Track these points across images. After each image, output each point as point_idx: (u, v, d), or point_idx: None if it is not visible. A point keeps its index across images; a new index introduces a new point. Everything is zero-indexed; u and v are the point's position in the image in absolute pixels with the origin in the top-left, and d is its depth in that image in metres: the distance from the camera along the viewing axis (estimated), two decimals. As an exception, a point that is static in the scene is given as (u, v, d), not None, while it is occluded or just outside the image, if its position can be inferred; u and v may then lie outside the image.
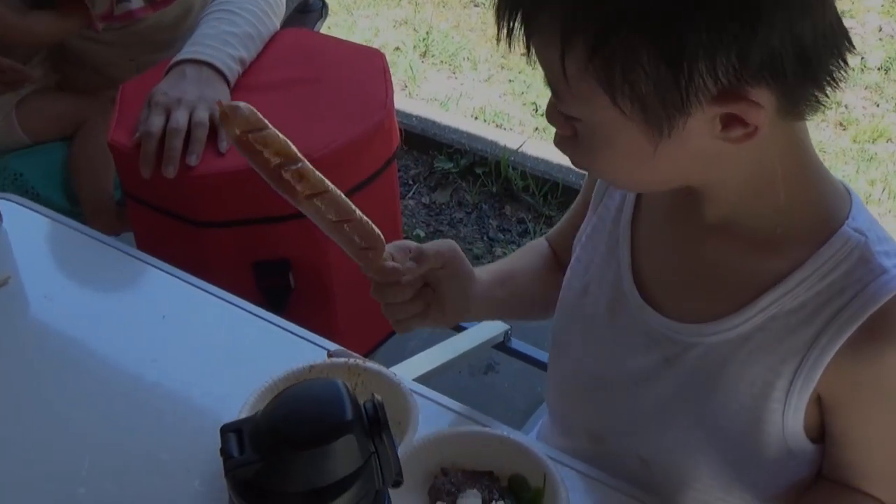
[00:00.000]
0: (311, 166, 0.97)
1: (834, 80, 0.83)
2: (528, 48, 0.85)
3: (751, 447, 0.97)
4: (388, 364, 1.81)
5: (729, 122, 0.82)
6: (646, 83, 0.80)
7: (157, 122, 1.46)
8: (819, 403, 0.94)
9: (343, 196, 1.00)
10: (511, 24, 0.85)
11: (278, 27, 1.73)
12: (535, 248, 1.27)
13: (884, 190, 3.01)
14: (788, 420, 0.94)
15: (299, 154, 0.96)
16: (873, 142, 3.25)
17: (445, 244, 1.10)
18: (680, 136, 0.83)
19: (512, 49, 0.86)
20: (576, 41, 0.80)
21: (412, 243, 1.10)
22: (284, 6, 1.78)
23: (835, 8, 0.83)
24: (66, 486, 1.06)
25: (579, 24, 0.79)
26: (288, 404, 0.70)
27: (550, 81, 0.87)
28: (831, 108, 0.87)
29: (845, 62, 0.84)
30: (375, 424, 0.68)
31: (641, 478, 1.06)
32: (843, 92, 0.86)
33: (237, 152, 1.44)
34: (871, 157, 3.17)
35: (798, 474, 1.00)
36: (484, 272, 1.18)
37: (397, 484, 0.70)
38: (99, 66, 1.94)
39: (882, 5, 4.07)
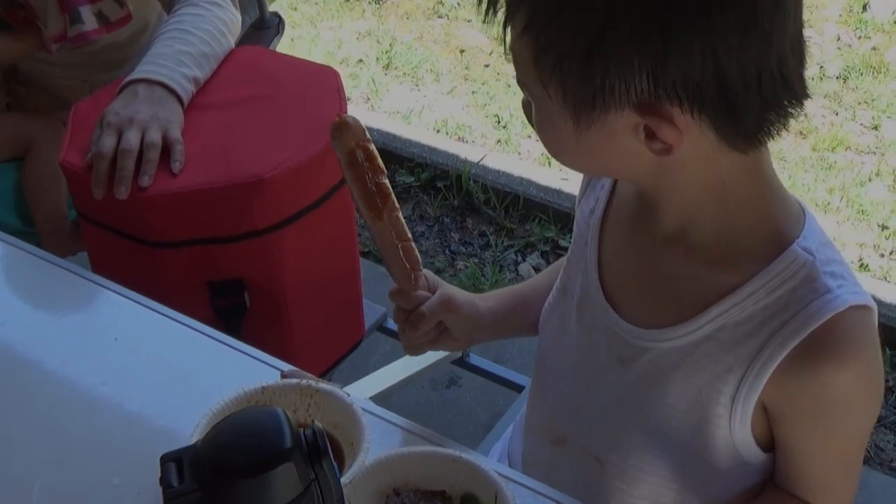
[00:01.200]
0: (388, 183, 1.04)
1: (769, 127, 0.85)
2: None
3: (699, 452, 1.00)
4: (349, 382, 1.81)
5: (651, 132, 0.85)
6: (567, 70, 0.83)
7: (108, 143, 1.45)
8: (766, 413, 0.96)
9: (403, 220, 1.06)
10: None
11: (233, 45, 1.73)
12: (559, 266, 1.28)
13: (842, 199, 3.05)
14: (735, 428, 0.96)
15: (384, 169, 1.04)
16: (832, 150, 3.29)
17: (437, 296, 1.15)
18: (603, 131, 0.86)
19: (488, 21, 0.89)
20: (517, 11, 0.84)
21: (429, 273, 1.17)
22: (240, 25, 1.78)
23: (784, 60, 0.83)
24: (15, 513, 1.05)
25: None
26: (227, 433, 0.70)
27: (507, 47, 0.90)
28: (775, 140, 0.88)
29: (785, 114, 0.85)
30: (315, 452, 0.68)
31: (597, 479, 1.08)
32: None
33: (190, 172, 1.46)
34: (831, 166, 3.20)
35: (751, 480, 1.02)
36: (493, 300, 1.24)
37: (339, 510, 0.70)
38: (50, 87, 1.93)
39: (840, 15, 4.13)
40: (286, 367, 1.21)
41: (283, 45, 2.37)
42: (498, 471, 1.03)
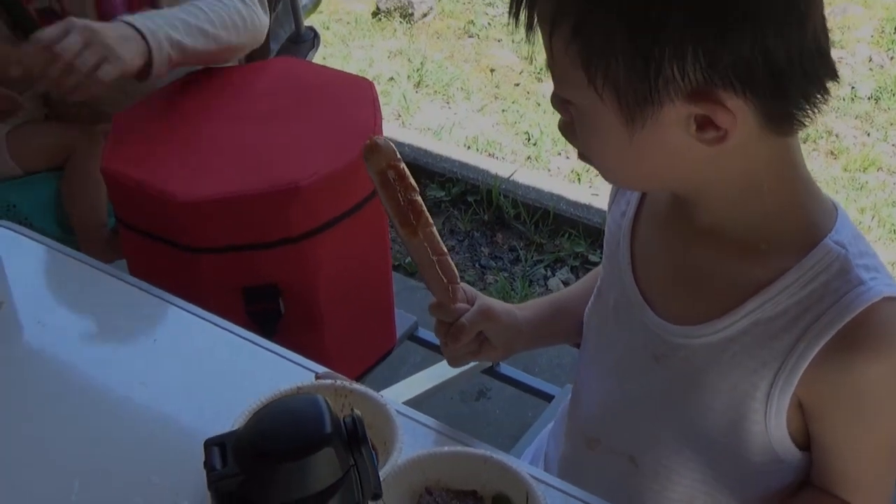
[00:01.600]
0: (421, 200, 1.07)
1: (811, 104, 0.87)
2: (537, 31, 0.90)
3: (735, 449, 1.00)
4: (380, 388, 1.82)
5: (703, 122, 0.86)
6: (620, 69, 0.84)
7: (49, 33, 1.52)
8: (801, 409, 0.96)
9: (437, 234, 1.09)
10: (518, 7, 0.89)
11: (245, 42, 1.75)
12: (597, 273, 1.30)
13: (873, 217, 3.03)
14: (771, 424, 0.97)
15: (416, 186, 1.06)
16: (864, 171, 3.28)
17: (475, 307, 1.17)
18: (655, 129, 0.87)
19: (531, 40, 0.90)
20: (562, 20, 0.85)
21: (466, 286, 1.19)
22: (265, 29, 1.79)
23: (818, 37, 0.86)
24: (55, 509, 1.06)
25: (567, 4, 0.85)
26: (269, 419, 0.71)
27: (548, 63, 0.91)
28: (820, 136, 0.90)
29: (825, 89, 0.87)
30: (354, 438, 0.69)
31: (632, 480, 1.09)
32: (833, 120, 0.90)
33: (228, 179, 1.49)
34: (862, 186, 3.19)
35: (786, 479, 1.02)
36: (531, 309, 1.25)
37: (376, 496, 0.72)
38: (88, 98, 1.96)
39: (871, 36, 4.12)
40: (321, 369, 1.22)
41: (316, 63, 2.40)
42: (529, 472, 1.03)
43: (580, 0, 0.84)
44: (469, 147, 3.47)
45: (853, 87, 3.74)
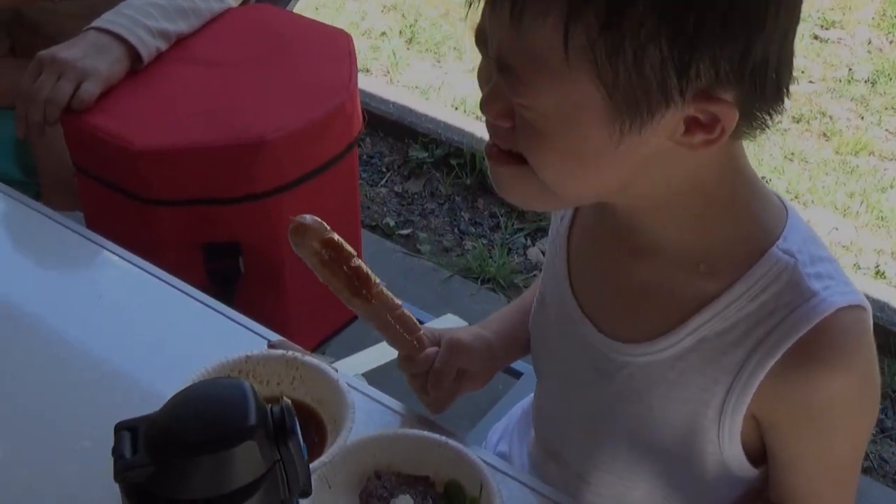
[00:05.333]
0: (361, 262, 1.01)
1: (784, 99, 0.82)
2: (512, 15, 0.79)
3: (687, 466, 0.96)
4: (343, 356, 1.76)
5: (692, 125, 0.79)
6: (647, 66, 0.75)
7: (26, 83, 1.49)
8: (756, 423, 0.92)
9: (386, 289, 1.02)
10: None
11: (233, 4, 1.67)
12: None
13: (862, 203, 2.99)
14: (724, 440, 0.92)
15: (353, 252, 0.99)
16: (856, 154, 3.23)
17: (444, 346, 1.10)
18: (644, 134, 0.79)
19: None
20: (586, 13, 0.74)
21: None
22: None
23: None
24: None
25: None
26: (187, 404, 0.65)
27: (510, 62, 0.80)
28: (814, 117, 0.85)
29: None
30: (282, 430, 0.63)
31: (582, 494, 1.05)
32: (828, 101, 0.84)
33: (191, 129, 1.41)
34: (853, 170, 3.14)
35: (741, 491, 0.98)
36: (497, 321, 1.19)
37: (305, 494, 0.65)
38: (56, 38, 1.89)
39: (872, 18, 4.06)
40: (274, 336, 1.17)
41: (306, 14, 2.31)
42: (486, 460, 0.99)
43: None
44: (457, 108, 3.40)
45: (850, 69, 3.68)
